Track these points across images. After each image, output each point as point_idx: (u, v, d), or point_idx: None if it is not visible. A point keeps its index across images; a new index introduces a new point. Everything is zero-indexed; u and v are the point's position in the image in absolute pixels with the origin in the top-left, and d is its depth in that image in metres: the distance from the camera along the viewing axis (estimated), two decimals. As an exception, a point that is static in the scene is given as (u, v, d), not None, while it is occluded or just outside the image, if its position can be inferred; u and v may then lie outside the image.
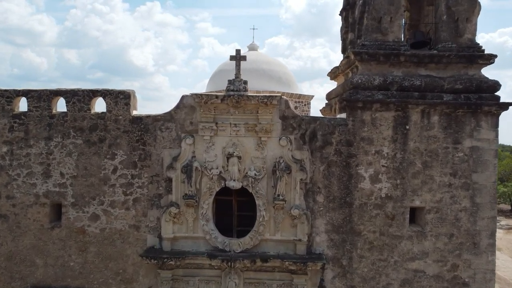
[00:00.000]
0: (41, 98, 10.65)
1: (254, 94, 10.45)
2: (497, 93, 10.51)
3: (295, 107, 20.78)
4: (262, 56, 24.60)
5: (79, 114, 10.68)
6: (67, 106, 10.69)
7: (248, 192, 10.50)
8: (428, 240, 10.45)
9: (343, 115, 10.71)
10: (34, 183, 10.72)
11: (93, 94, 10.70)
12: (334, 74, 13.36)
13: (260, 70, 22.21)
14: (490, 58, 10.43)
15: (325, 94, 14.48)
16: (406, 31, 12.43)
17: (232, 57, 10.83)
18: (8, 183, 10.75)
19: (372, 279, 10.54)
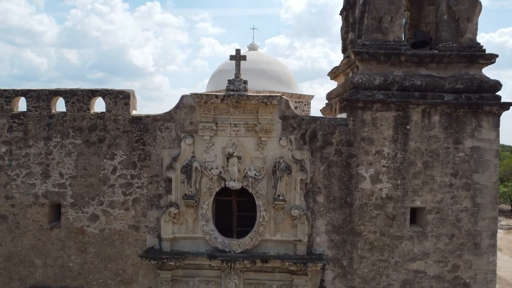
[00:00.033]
0: (40, 98, 10.62)
1: (254, 94, 10.41)
2: (497, 93, 10.48)
3: (295, 107, 20.74)
4: (262, 56, 24.57)
5: (79, 114, 10.64)
6: (66, 106, 10.66)
7: (248, 192, 10.47)
8: (428, 240, 10.42)
9: (344, 115, 10.68)
10: (33, 183, 10.68)
11: (92, 94, 10.67)
12: (335, 74, 13.33)
13: (260, 70, 22.18)
14: (491, 58, 10.39)
15: (325, 94, 14.47)
16: (406, 31, 12.40)
17: (232, 56, 10.79)
18: (7, 183, 10.72)
19: (372, 280, 10.51)
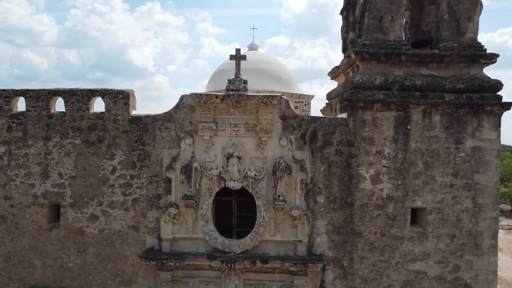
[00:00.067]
0: (39, 98, 10.57)
1: (254, 94, 10.37)
2: (498, 93, 10.43)
3: (295, 107, 20.69)
4: (262, 56, 24.52)
5: (78, 114, 10.60)
6: (66, 106, 10.61)
7: (248, 192, 10.43)
8: (429, 241, 10.38)
9: (344, 115, 10.64)
10: (33, 184, 10.64)
11: (91, 93, 10.63)
12: (335, 73, 13.29)
13: (260, 70, 22.13)
14: (492, 58, 10.35)
15: (325, 94, 14.43)
16: (407, 30, 12.35)
17: (232, 56, 10.75)
18: (6, 184, 10.68)
19: (373, 280, 10.47)
